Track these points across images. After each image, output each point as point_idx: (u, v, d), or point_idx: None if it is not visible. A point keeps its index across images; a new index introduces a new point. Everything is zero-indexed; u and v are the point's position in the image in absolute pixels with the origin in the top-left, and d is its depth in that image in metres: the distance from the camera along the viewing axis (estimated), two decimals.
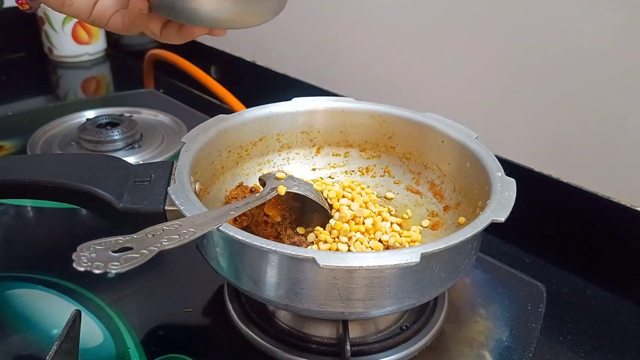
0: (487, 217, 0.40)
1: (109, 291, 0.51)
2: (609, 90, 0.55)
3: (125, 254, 0.32)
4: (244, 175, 0.55)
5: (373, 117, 0.56)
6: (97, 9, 0.42)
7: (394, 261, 0.35)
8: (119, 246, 0.32)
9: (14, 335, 0.46)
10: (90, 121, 0.79)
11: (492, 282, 0.54)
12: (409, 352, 0.45)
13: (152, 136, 0.81)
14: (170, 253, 0.56)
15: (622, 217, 0.56)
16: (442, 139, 0.53)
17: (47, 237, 0.59)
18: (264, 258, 0.38)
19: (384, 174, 0.58)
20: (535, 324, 0.49)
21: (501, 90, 0.63)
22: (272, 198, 0.47)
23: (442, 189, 0.54)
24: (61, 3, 0.42)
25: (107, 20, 0.43)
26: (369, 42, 0.76)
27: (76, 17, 0.43)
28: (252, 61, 0.95)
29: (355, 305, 0.39)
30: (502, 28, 0.61)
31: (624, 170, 0.56)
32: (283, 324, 0.47)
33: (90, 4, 0.42)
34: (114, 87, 1.17)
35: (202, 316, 0.49)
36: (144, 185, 0.45)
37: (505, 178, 0.45)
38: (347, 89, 0.80)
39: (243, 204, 0.43)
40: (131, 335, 0.46)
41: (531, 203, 0.51)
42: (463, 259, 0.42)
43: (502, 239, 0.65)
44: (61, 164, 0.48)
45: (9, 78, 1.11)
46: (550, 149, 0.61)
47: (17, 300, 0.50)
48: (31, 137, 0.78)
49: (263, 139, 0.56)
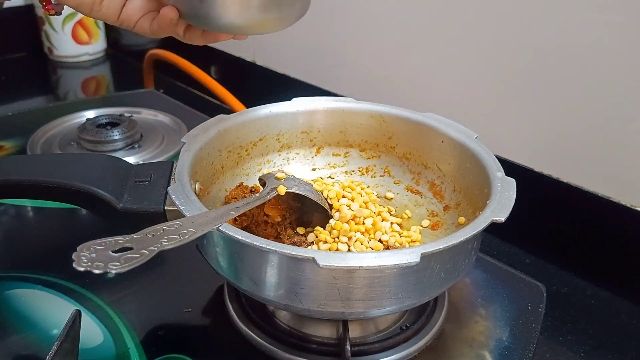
0: (487, 217, 0.40)
1: (109, 291, 0.51)
2: (609, 90, 0.55)
3: (125, 254, 0.32)
4: (244, 175, 0.55)
5: (373, 117, 0.56)
6: (125, 13, 0.44)
7: (394, 261, 0.35)
8: (119, 246, 0.32)
9: (14, 335, 0.46)
10: (90, 121, 0.79)
11: (492, 282, 0.54)
12: (409, 352, 0.45)
13: (152, 136, 0.81)
14: (170, 253, 0.56)
15: (622, 217, 0.56)
16: (442, 139, 0.53)
17: (47, 237, 0.59)
18: (264, 258, 0.38)
19: (384, 174, 0.58)
20: (535, 324, 0.49)
21: (501, 90, 0.63)
22: (272, 198, 0.47)
23: (442, 189, 0.54)
24: (90, 8, 0.43)
25: (135, 24, 0.44)
26: (369, 42, 0.76)
27: (105, 20, 0.44)
28: (252, 61, 0.95)
29: (355, 305, 0.39)
30: (502, 28, 0.61)
31: (624, 170, 0.56)
32: (283, 324, 0.47)
33: (118, 8, 0.43)
34: (114, 87, 1.17)
35: (202, 316, 0.49)
36: (144, 186, 0.45)
37: (505, 178, 0.45)
38: (347, 89, 0.80)
39: (243, 204, 0.43)
40: (131, 335, 0.46)
41: (531, 203, 0.51)
42: (463, 259, 0.42)
43: (502, 239, 0.65)
44: (61, 164, 0.48)
45: (9, 78, 1.11)
46: (550, 149, 0.61)
47: (17, 300, 0.50)
48: (31, 137, 0.78)
49: (263, 139, 0.56)
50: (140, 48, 1.19)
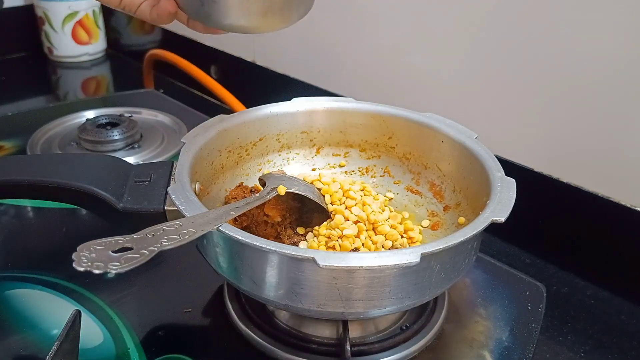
0: (487, 217, 0.40)
1: (109, 291, 0.51)
2: (609, 90, 0.55)
3: (125, 254, 0.32)
4: (244, 175, 0.55)
5: (373, 117, 0.56)
6: None
7: (394, 261, 0.35)
8: (118, 246, 0.32)
9: (14, 336, 0.46)
10: (90, 121, 0.79)
11: (492, 282, 0.54)
12: (409, 352, 0.45)
13: (152, 136, 0.81)
14: (170, 253, 0.56)
15: (622, 217, 0.56)
16: (442, 139, 0.53)
17: (47, 237, 0.59)
18: (264, 258, 0.38)
19: (384, 174, 0.58)
20: (535, 324, 0.49)
21: (501, 90, 0.63)
22: (272, 198, 0.47)
23: (442, 189, 0.54)
24: None
25: (137, 9, 0.45)
26: (369, 42, 0.76)
27: (107, 4, 0.45)
28: (252, 61, 0.95)
29: (355, 305, 0.39)
30: (502, 28, 0.61)
31: (624, 170, 0.56)
32: (283, 324, 0.47)
33: None
34: (114, 87, 1.17)
35: (202, 316, 0.49)
36: (144, 186, 0.45)
37: (505, 178, 0.45)
38: (347, 89, 0.80)
39: (243, 204, 0.43)
40: (131, 335, 0.46)
41: (531, 203, 0.51)
42: (463, 259, 0.42)
43: (502, 239, 0.65)
44: (61, 164, 0.48)
45: (8, 78, 1.11)
46: (550, 149, 0.61)
47: (17, 301, 0.50)
48: (31, 138, 0.78)
49: (263, 139, 0.56)
50: (140, 48, 1.19)
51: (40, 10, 1.14)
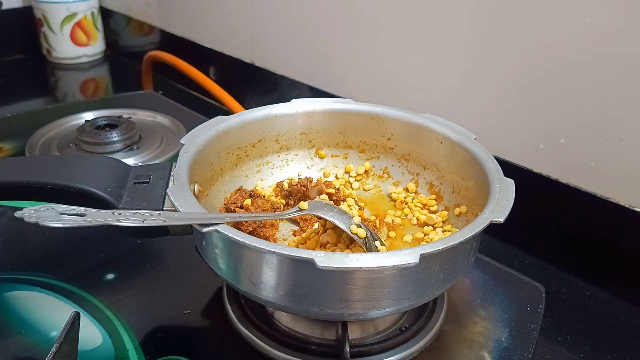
0: (486, 218, 0.40)
1: (108, 293, 0.51)
2: (609, 90, 0.55)
3: (72, 217, 0.32)
4: (242, 176, 0.55)
5: (372, 118, 0.56)
6: None
7: (393, 262, 0.35)
8: (76, 212, 0.32)
9: (13, 338, 0.46)
10: (88, 123, 0.79)
11: (491, 282, 0.54)
12: (409, 353, 0.45)
13: (150, 138, 0.81)
14: (170, 255, 0.56)
15: (621, 218, 0.56)
16: (441, 140, 0.53)
17: (45, 239, 0.59)
18: (262, 259, 0.38)
19: (383, 174, 0.58)
20: (534, 325, 0.49)
21: (500, 91, 0.63)
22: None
23: (440, 190, 0.54)
24: None
25: None
26: (368, 43, 0.76)
27: None
28: (250, 62, 0.95)
29: (354, 306, 0.39)
30: (501, 28, 0.61)
31: (624, 170, 0.56)
32: (282, 325, 0.47)
33: None
34: (113, 89, 1.17)
35: (201, 318, 0.49)
36: (142, 187, 0.45)
37: (504, 179, 0.45)
38: (345, 90, 0.80)
39: (255, 215, 0.43)
40: (130, 337, 0.46)
41: (530, 204, 0.51)
42: (462, 259, 0.42)
43: (501, 239, 0.65)
44: (60, 165, 0.47)
45: (7, 80, 1.11)
46: (550, 150, 0.61)
47: (16, 302, 0.50)
48: (30, 139, 0.78)
49: (262, 141, 0.56)
50: (138, 50, 1.19)
51: (39, 11, 1.14)
